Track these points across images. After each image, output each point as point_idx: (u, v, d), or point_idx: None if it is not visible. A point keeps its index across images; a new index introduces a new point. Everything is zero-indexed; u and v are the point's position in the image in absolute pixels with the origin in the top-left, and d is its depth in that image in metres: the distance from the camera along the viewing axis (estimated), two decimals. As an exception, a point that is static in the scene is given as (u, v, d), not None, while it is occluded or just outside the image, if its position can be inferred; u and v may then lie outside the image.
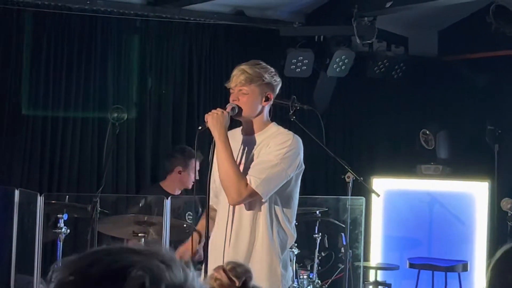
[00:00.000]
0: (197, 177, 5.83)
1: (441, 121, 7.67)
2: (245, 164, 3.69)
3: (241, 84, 3.66)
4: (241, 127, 3.81)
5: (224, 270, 1.85)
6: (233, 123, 3.83)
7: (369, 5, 6.97)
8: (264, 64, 3.75)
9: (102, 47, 6.75)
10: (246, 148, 3.73)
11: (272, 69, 3.76)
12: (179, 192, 6.06)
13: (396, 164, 7.69)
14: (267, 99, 3.71)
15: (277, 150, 3.61)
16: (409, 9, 7.06)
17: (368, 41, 7.16)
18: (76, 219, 5.63)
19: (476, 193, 7.13)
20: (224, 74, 7.24)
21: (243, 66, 3.69)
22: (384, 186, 7.31)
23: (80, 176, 6.59)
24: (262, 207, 3.66)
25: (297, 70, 7.24)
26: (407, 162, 7.66)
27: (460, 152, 7.60)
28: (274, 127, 3.76)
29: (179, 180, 5.98)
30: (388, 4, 6.72)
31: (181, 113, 7.11)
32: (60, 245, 5.08)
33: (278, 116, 4.58)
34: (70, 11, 6.55)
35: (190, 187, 5.96)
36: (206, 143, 5.36)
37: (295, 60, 7.21)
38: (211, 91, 7.28)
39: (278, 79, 3.77)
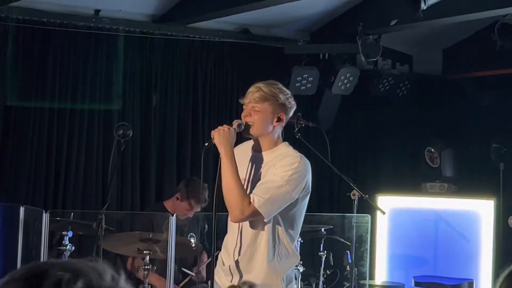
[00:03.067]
0: (191, 216, 5.86)
1: (446, 139, 7.67)
2: (251, 182, 3.68)
3: (255, 101, 3.65)
4: (253, 143, 3.80)
5: None
6: (240, 139, 3.82)
7: (374, 23, 6.99)
8: (281, 85, 3.75)
9: (108, 64, 6.77)
10: (254, 165, 3.72)
11: (288, 92, 3.76)
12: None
13: (401, 182, 7.68)
14: (279, 120, 3.69)
15: (284, 172, 3.59)
16: (414, 28, 7.08)
17: (373, 59, 7.17)
18: (81, 236, 5.62)
19: (481, 211, 7.11)
20: (229, 92, 7.27)
21: (260, 84, 3.69)
22: (389, 204, 7.29)
23: (85, 193, 6.60)
24: (265, 226, 3.65)
25: (302, 87, 7.25)
26: (412, 180, 7.65)
27: (466, 170, 7.59)
28: (284, 148, 3.74)
29: (175, 205, 5.98)
30: (393, 22, 6.74)
31: (186, 131, 7.12)
32: (65, 262, 5.06)
33: (283, 133, 4.59)
34: (76, 29, 6.58)
35: (180, 218, 5.92)
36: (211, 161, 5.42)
37: (300, 78, 7.22)
38: (215, 109, 7.30)
39: (293, 102, 3.76)
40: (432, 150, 7.55)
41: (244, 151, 3.74)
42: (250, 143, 3.79)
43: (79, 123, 6.62)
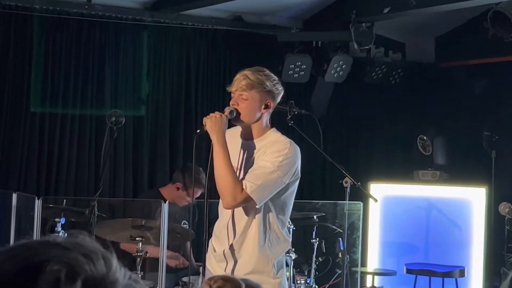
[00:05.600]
0: (193, 202, 5.86)
1: (438, 127, 7.69)
2: (243, 169, 3.69)
3: (241, 89, 3.65)
4: (241, 129, 3.80)
5: (210, 286, 1.80)
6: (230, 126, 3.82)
7: (367, 11, 6.99)
8: (268, 71, 3.74)
9: (100, 51, 6.76)
10: (246, 153, 3.73)
11: (275, 78, 3.75)
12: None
13: (394, 169, 7.70)
14: (266, 107, 3.70)
15: (275, 158, 3.60)
16: (407, 15, 7.08)
17: (366, 47, 7.18)
18: (73, 223, 5.62)
19: (473, 198, 7.14)
20: (221, 79, 7.27)
21: (246, 72, 3.68)
22: (382, 192, 7.31)
23: (77, 180, 6.60)
24: (256, 213, 3.67)
25: (294, 75, 7.25)
26: (405, 168, 7.68)
27: (458, 158, 7.62)
28: (273, 134, 3.75)
29: (174, 195, 5.99)
30: (386, 10, 6.74)
31: (179, 118, 7.13)
32: (57, 249, 5.07)
33: (276, 120, 4.58)
34: (68, 15, 6.57)
35: (180, 205, 5.96)
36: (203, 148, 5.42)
37: (292, 66, 7.22)
38: (208, 96, 7.30)
39: (280, 88, 3.76)
40: (424, 138, 7.57)
41: (233, 137, 3.75)
42: (238, 129, 3.80)
43: (71, 109, 6.61)
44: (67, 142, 6.57)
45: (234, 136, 3.77)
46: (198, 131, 3.70)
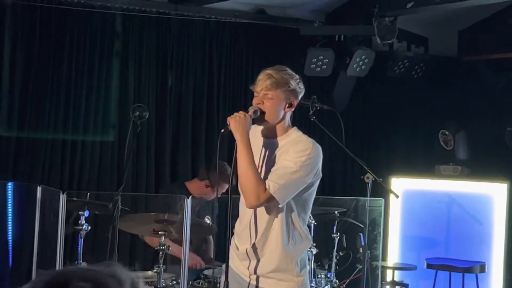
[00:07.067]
0: (219, 195, 5.89)
1: (460, 122, 7.66)
2: (265, 168, 3.71)
3: (267, 88, 3.66)
4: (261, 127, 3.82)
5: None
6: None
7: (390, 5, 6.96)
8: (289, 70, 3.75)
9: (124, 44, 6.79)
10: (268, 151, 3.74)
11: (297, 76, 3.77)
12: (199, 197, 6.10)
13: (415, 164, 7.70)
14: (290, 106, 3.72)
15: (297, 157, 3.61)
16: (430, 10, 7.04)
17: (389, 41, 7.15)
18: (96, 216, 5.68)
19: (494, 194, 7.13)
20: (244, 73, 7.28)
21: (270, 71, 3.69)
22: (403, 186, 7.32)
23: (100, 174, 6.65)
24: (279, 212, 3.69)
25: (317, 69, 7.25)
26: (426, 163, 7.67)
27: (479, 153, 7.59)
28: (295, 133, 3.76)
29: (203, 191, 6.02)
30: (409, 5, 6.71)
31: (201, 112, 7.14)
32: (81, 241, 5.13)
33: (298, 116, 4.60)
34: (92, 8, 6.60)
35: (208, 200, 6.02)
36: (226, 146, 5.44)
37: (315, 59, 7.22)
38: (230, 89, 7.31)
39: (303, 87, 3.78)
40: (446, 132, 7.55)
41: (255, 136, 3.76)
42: (258, 128, 3.81)
43: (95, 103, 6.66)
44: (90, 136, 6.61)
45: (255, 134, 3.79)
46: (222, 130, 3.70)
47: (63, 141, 6.51)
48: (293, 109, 3.77)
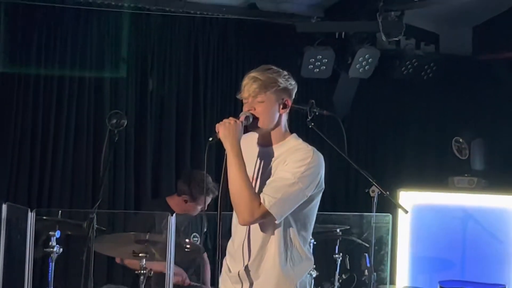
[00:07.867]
0: (205, 209, 5.87)
1: (476, 128, 7.68)
2: (260, 180, 3.69)
3: (255, 93, 3.65)
4: (257, 135, 3.81)
5: None
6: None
7: (397, -2, 7.00)
8: (275, 67, 3.75)
9: (98, 43, 6.79)
10: (262, 161, 3.72)
11: (285, 72, 3.76)
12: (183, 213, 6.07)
13: (426, 175, 7.71)
14: (284, 106, 3.71)
15: (296, 168, 3.59)
16: (441, 4, 7.07)
17: (395, 38, 7.18)
18: (69, 236, 5.65)
19: (514, 208, 7.15)
20: (233, 75, 7.29)
21: (254, 73, 3.68)
22: (412, 200, 7.32)
23: (73, 190, 6.64)
24: (276, 229, 3.67)
25: (315, 70, 7.26)
26: (438, 174, 7.68)
27: (497, 163, 7.60)
28: (293, 140, 3.75)
29: (182, 207, 6.00)
30: (417, -2, 6.75)
31: (186, 119, 7.14)
32: (52, 266, 5.11)
33: (294, 122, 4.59)
34: (62, 4, 6.61)
35: (194, 215, 6.00)
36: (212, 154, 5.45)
37: (313, 60, 7.23)
38: (219, 94, 7.31)
39: (294, 82, 3.77)
40: (461, 140, 7.56)
41: (249, 144, 3.75)
42: (254, 135, 3.80)
43: (67, 110, 6.65)
44: (62, 147, 6.59)
45: (249, 142, 3.77)
46: (210, 139, 3.69)
47: (31, 151, 6.48)
48: (288, 110, 3.76)
